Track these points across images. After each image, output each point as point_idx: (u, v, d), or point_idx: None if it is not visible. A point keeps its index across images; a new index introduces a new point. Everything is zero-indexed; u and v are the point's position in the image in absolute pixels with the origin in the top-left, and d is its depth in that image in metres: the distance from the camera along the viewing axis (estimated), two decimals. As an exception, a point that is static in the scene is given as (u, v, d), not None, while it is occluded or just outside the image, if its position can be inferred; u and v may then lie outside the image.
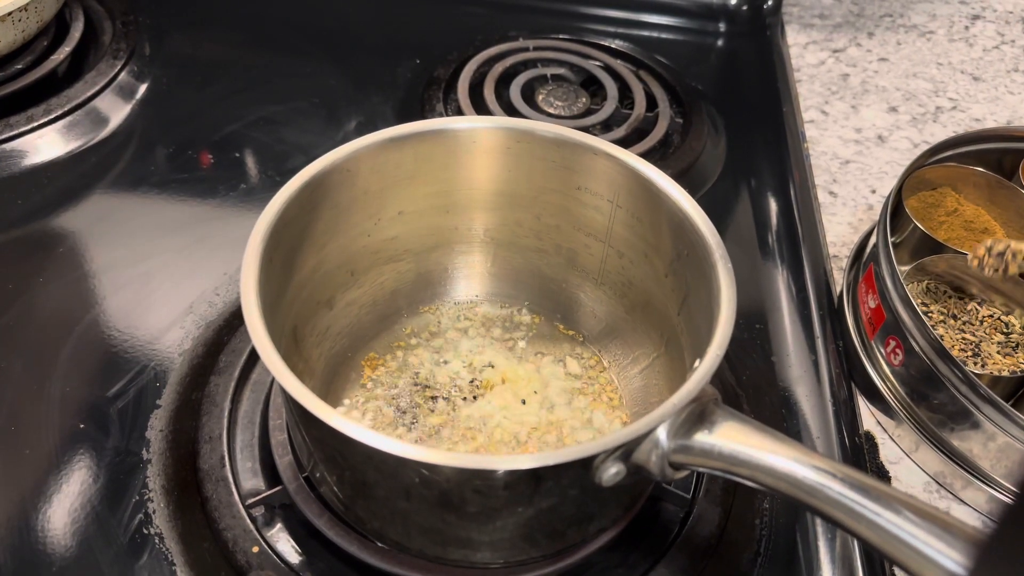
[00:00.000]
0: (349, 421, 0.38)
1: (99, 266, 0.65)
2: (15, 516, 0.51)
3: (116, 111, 0.77)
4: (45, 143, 0.73)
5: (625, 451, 0.39)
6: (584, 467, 0.39)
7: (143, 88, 0.80)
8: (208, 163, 0.75)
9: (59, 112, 0.75)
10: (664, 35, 0.95)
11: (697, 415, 0.40)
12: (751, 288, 0.69)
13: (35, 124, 0.73)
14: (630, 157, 0.51)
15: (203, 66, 0.84)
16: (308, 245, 0.51)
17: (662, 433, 0.39)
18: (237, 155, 0.75)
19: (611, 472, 0.39)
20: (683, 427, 0.40)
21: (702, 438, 0.39)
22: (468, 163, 0.54)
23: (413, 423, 0.54)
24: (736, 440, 0.39)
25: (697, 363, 0.42)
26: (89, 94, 0.77)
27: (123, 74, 0.80)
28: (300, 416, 0.44)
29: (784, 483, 0.38)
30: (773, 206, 0.77)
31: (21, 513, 0.51)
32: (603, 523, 0.47)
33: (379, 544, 0.48)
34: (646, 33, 0.94)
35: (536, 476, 0.39)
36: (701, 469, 0.40)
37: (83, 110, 0.76)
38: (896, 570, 0.53)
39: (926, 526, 0.35)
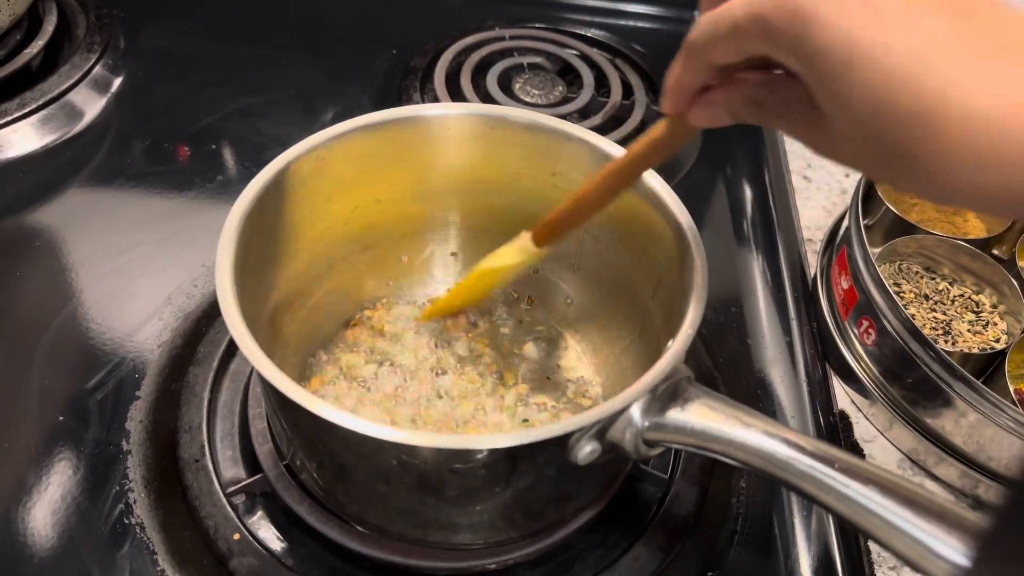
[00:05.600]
0: (328, 405, 0.38)
1: (76, 260, 0.65)
2: (-5, 509, 0.51)
3: (91, 105, 0.77)
4: (20, 137, 0.73)
5: (600, 429, 0.40)
6: (560, 445, 0.39)
7: (118, 81, 0.80)
8: (185, 156, 0.74)
9: (33, 106, 0.74)
10: (640, 23, 0.95)
11: (670, 393, 0.41)
12: (727, 272, 0.70)
13: (9, 118, 0.73)
14: (602, 141, 0.52)
15: (178, 59, 0.84)
16: (285, 233, 0.51)
17: (636, 411, 0.40)
18: (214, 147, 0.75)
19: (586, 450, 0.40)
20: (656, 405, 0.40)
21: (675, 415, 0.40)
22: (443, 150, 0.54)
23: (391, 408, 0.54)
24: (708, 416, 0.40)
25: (670, 343, 0.42)
26: (63, 88, 0.76)
27: (98, 67, 0.80)
28: (279, 402, 0.44)
29: (756, 457, 0.38)
30: (748, 192, 0.77)
31: (1, 506, 0.51)
32: (580, 502, 0.48)
33: (360, 528, 0.48)
34: (622, 22, 0.95)
35: (513, 455, 0.39)
36: (675, 445, 0.41)
37: (58, 104, 0.76)
38: (871, 544, 0.54)
39: (894, 496, 0.35)
